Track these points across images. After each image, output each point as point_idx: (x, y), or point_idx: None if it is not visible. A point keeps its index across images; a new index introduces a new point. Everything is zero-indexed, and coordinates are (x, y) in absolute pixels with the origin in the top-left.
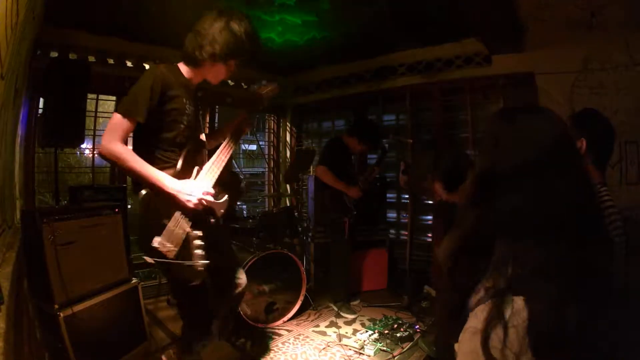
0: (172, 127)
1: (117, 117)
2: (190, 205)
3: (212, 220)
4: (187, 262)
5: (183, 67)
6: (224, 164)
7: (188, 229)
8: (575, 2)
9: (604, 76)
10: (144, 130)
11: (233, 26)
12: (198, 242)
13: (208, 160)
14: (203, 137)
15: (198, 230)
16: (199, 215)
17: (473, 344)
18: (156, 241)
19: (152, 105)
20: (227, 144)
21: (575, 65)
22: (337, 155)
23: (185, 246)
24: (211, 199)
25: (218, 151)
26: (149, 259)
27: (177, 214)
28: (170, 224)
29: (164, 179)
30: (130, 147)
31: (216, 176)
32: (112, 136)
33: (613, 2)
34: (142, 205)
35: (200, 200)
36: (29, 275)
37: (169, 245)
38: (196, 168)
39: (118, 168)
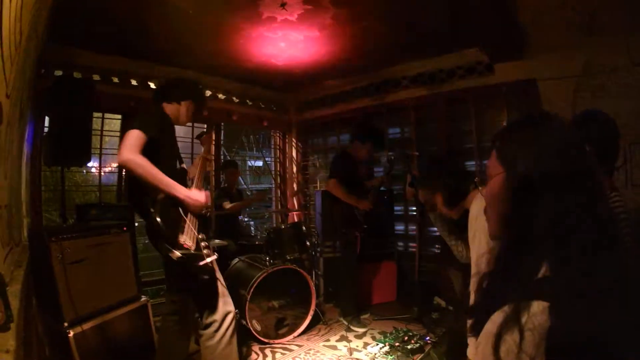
0: (171, 155)
1: (136, 132)
2: (198, 207)
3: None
4: (205, 254)
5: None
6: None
7: (195, 231)
8: (574, 6)
9: (606, 79)
10: (150, 158)
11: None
12: (203, 243)
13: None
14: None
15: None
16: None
17: (488, 348)
18: (181, 238)
19: (159, 131)
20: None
21: (576, 70)
22: (345, 167)
23: (197, 245)
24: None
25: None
26: (177, 253)
27: (188, 218)
28: (186, 226)
29: (176, 186)
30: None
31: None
32: (130, 148)
33: (611, 4)
34: (159, 211)
35: (205, 202)
36: (37, 293)
37: (189, 242)
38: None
39: (137, 175)
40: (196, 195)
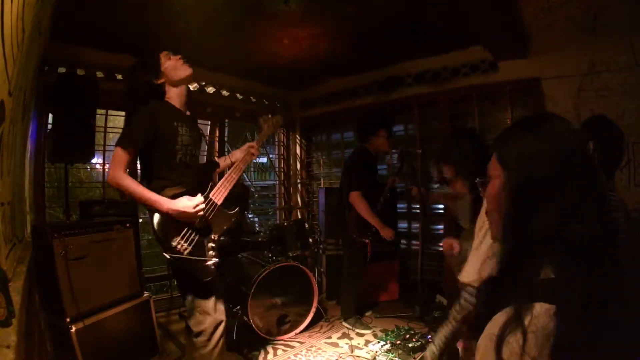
0: (167, 149)
1: (117, 150)
2: (188, 217)
3: (225, 227)
4: (200, 259)
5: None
6: (234, 181)
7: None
8: (577, 4)
9: (610, 78)
10: (147, 156)
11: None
12: (211, 244)
13: (217, 178)
14: (216, 158)
15: (213, 235)
16: (209, 224)
17: (490, 350)
18: (175, 240)
19: (147, 135)
20: (237, 165)
21: (580, 69)
22: (365, 172)
23: (200, 247)
24: (202, 207)
25: (230, 170)
26: (167, 255)
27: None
28: (187, 229)
29: (157, 201)
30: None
31: (227, 191)
32: (115, 167)
33: (615, 2)
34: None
35: (194, 213)
36: (40, 289)
37: (185, 244)
38: (210, 184)
39: (124, 193)
40: (180, 205)
